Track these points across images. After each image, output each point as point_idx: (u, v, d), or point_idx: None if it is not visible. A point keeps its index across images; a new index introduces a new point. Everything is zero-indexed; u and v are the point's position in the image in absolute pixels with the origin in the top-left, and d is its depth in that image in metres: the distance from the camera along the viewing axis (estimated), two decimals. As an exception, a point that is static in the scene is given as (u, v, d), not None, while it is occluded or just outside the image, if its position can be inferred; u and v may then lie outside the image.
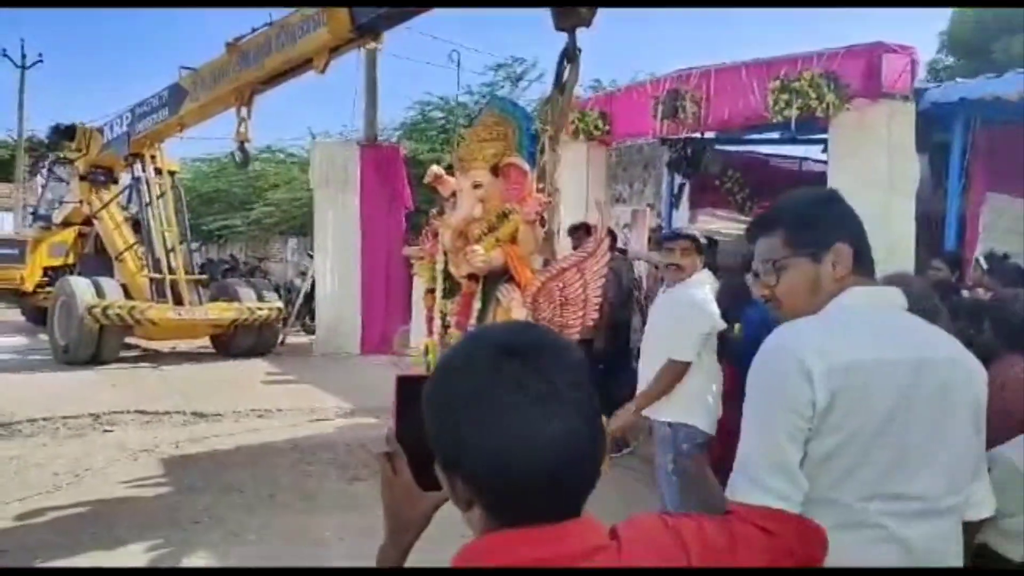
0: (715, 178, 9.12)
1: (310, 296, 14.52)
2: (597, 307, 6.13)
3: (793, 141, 8.35)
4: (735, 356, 4.19)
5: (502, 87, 19.33)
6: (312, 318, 14.41)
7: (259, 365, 10.89)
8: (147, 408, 7.85)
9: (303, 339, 13.55)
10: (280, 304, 11.91)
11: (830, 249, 1.56)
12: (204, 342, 11.95)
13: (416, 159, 15.11)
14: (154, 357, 11.06)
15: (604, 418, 6.19)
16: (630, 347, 7.34)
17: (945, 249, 6.05)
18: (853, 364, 1.37)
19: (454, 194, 6.63)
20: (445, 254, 6.43)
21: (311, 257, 17.90)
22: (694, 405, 4.10)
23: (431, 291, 6.60)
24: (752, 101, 6.29)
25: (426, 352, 6.81)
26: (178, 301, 10.80)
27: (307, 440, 7.02)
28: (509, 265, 6.03)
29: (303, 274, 16.93)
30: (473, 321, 6.14)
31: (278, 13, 8.94)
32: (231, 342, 11.30)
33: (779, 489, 1.31)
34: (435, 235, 6.57)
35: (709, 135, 8.61)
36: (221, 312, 10.88)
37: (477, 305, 6.09)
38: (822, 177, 10.12)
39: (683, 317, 4.12)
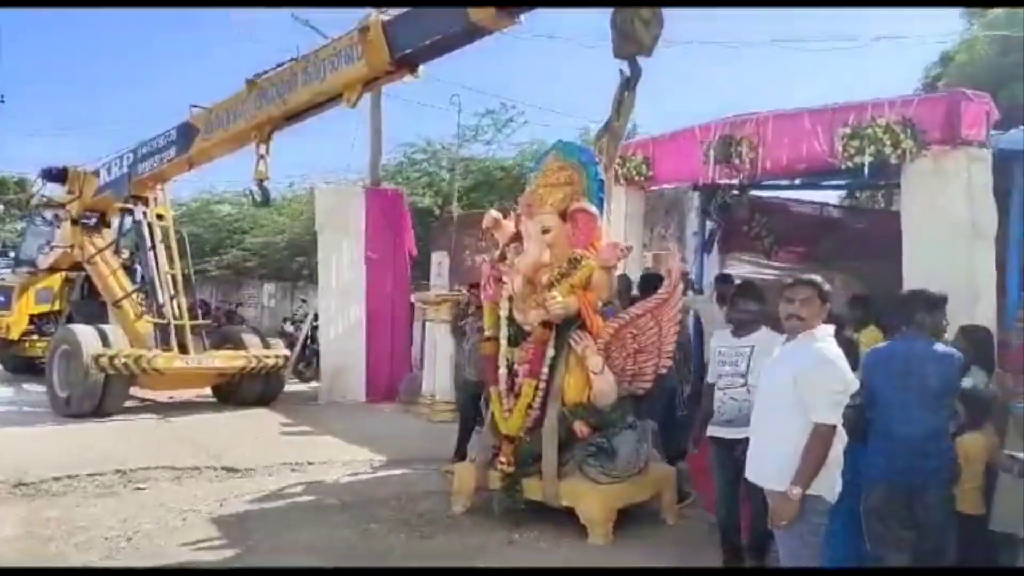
0: (743, 223, 9.13)
1: (305, 343, 14.19)
2: (671, 355, 6.05)
3: (847, 187, 8.42)
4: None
5: (486, 132, 19.39)
6: (307, 365, 14.05)
7: (268, 415, 10.48)
8: (174, 464, 7.44)
9: (300, 387, 13.13)
10: (287, 352, 11.54)
11: None
12: (203, 391, 11.50)
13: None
14: (157, 408, 10.57)
15: (671, 467, 6.02)
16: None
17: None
18: None
19: (514, 239, 6.53)
20: (510, 300, 6.28)
21: (304, 302, 17.60)
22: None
23: (492, 338, 6.42)
24: (816, 147, 6.30)
25: (486, 402, 6.60)
26: (182, 349, 10.38)
27: (356, 495, 6.70)
28: (582, 312, 5.92)
29: (292, 320, 16.54)
30: (546, 369, 5.98)
31: (304, 48, 8.81)
32: (236, 391, 10.87)
33: None
34: (497, 280, 6.41)
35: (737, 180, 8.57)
36: (229, 360, 10.48)
37: (550, 353, 5.94)
38: (840, 223, 10.30)
39: (819, 375, 3.62)
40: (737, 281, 8.40)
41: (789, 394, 3.64)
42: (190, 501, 6.35)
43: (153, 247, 10.87)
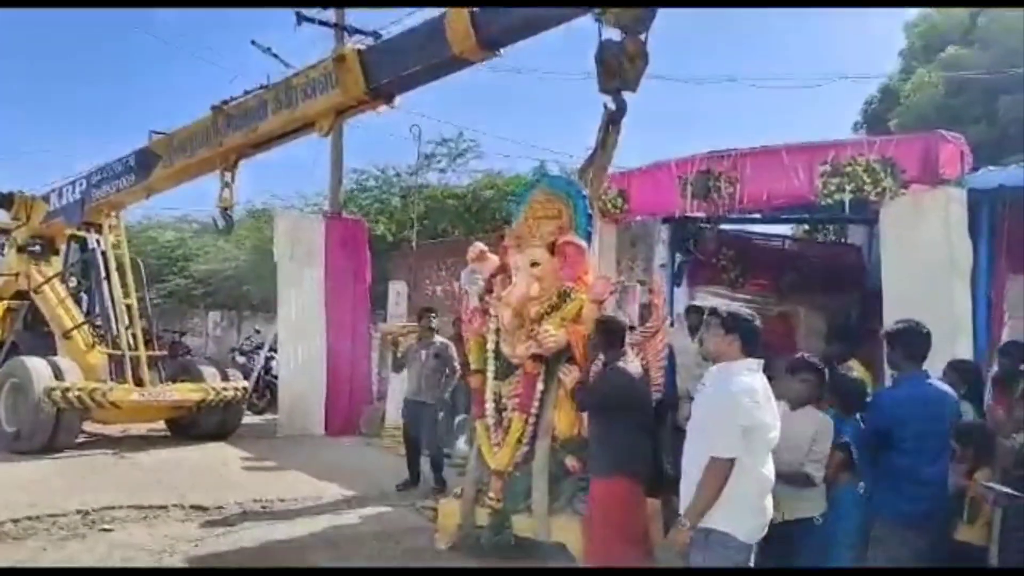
0: (711, 256, 9.29)
1: (260, 374, 13.85)
2: (658, 387, 6.07)
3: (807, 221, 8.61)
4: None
5: (440, 161, 19.41)
6: (261, 397, 13.71)
7: (227, 449, 10.15)
8: (139, 502, 7.14)
9: (254, 419, 12.78)
10: (246, 384, 11.23)
11: None
12: (155, 424, 11.09)
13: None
14: (109, 442, 10.15)
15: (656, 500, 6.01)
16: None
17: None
18: None
19: (499, 271, 6.50)
20: (496, 332, 6.24)
21: (258, 332, 17.19)
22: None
23: (478, 372, 6.36)
24: (795, 183, 6.46)
25: (470, 437, 6.55)
26: (138, 381, 10.02)
27: (336, 533, 6.54)
28: (572, 345, 5.91)
29: (241, 351, 16.15)
30: (536, 403, 5.94)
31: (261, 75, 8.71)
32: (192, 424, 10.51)
33: None
34: (484, 313, 6.36)
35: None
36: (187, 393, 10.15)
37: (540, 387, 5.90)
38: (799, 256, 10.57)
39: (718, 408, 3.67)
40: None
41: (699, 423, 3.75)
42: (163, 543, 6.10)
43: (107, 275, 10.50)
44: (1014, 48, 11.24)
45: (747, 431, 3.55)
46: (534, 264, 6.03)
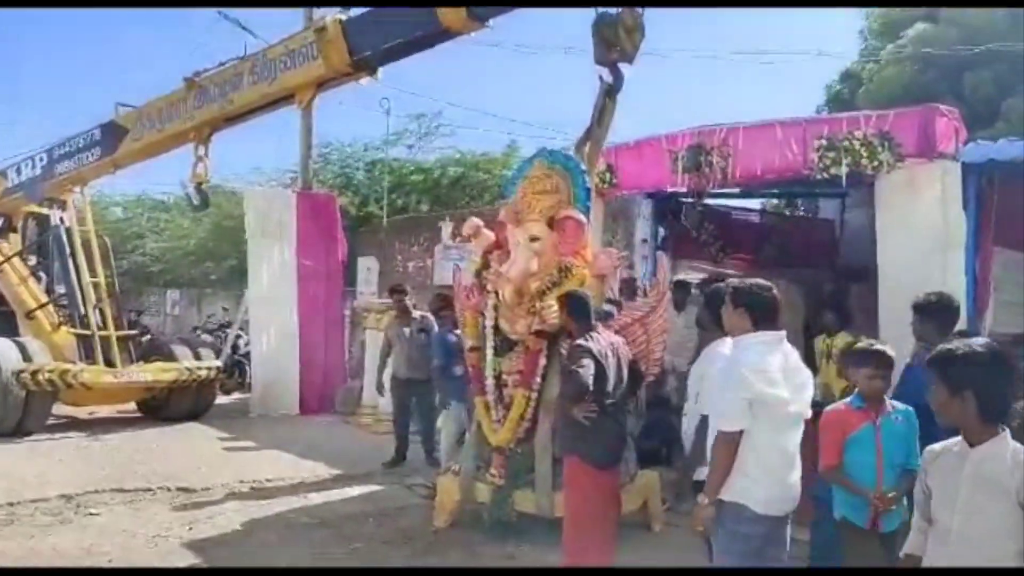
0: (691, 230, 9.32)
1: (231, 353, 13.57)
2: (658, 361, 6.08)
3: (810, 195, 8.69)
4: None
5: (410, 136, 19.15)
6: (230, 376, 13.45)
7: (202, 430, 9.96)
8: (122, 485, 6.98)
9: (224, 399, 12.52)
10: (219, 363, 10.98)
11: None
12: (124, 406, 10.81)
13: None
14: (80, 425, 9.87)
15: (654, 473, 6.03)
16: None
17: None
18: None
19: (494, 247, 6.43)
20: (495, 309, 6.17)
21: (225, 310, 16.86)
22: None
23: (476, 348, 6.28)
24: (789, 157, 6.47)
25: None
26: (108, 362, 9.75)
27: (329, 513, 6.45)
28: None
29: (205, 329, 15.82)
30: (538, 379, 5.90)
31: (234, 48, 8.44)
32: (166, 405, 10.27)
33: None
34: (482, 290, 6.29)
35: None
36: (160, 373, 9.90)
37: (542, 363, 5.86)
38: (775, 230, 10.68)
39: (717, 381, 3.71)
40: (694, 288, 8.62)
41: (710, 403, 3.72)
42: (155, 526, 5.96)
43: (73, 253, 10.16)
44: (979, 26, 11.44)
45: (754, 404, 3.47)
46: (534, 239, 5.96)
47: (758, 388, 3.46)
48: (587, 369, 4.28)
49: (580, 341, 4.50)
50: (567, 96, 15.69)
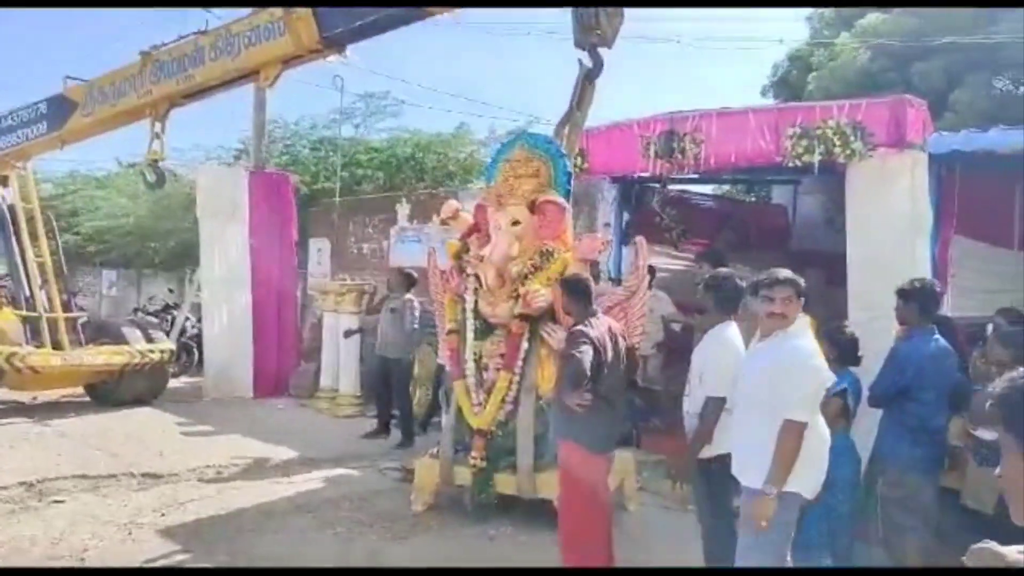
0: (653, 215, 9.40)
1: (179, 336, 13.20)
2: (636, 346, 6.14)
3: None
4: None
5: (356, 116, 18.81)
6: (178, 359, 13.09)
7: (156, 414, 9.69)
8: (85, 472, 6.77)
9: (173, 383, 12.19)
10: (172, 346, 10.69)
11: None
12: (71, 390, 10.44)
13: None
14: (25, 410, 9.49)
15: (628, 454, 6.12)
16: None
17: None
18: None
19: (473, 230, 6.40)
20: (475, 292, 6.15)
21: (172, 291, 16.38)
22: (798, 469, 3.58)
23: (455, 332, 6.26)
24: (762, 144, 6.59)
25: (446, 395, 6.50)
26: (55, 344, 9.41)
27: (305, 498, 6.37)
28: (555, 304, 5.88)
29: (146, 311, 15.34)
30: (520, 362, 5.91)
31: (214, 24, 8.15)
32: (116, 389, 9.95)
33: None
34: (461, 272, 6.26)
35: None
36: (111, 356, 9.58)
37: (525, 346, 5.88)
38: (732, 216, 10.86)
39: (794, 373, 3.59)
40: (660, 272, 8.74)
41: (765, 391, 3.61)
42: (125, 514, 5.80)
43: (17, 231, 9.75)
44: (932, 16, 11.73)
45: (819, 391, 3.63)
46: (515, 223, 5.96)
47: (825, 375, 3.62)
48: (586, 355, 4.30)
49: (579, 326, 4.49)
50: (523, 77, 15.58)
